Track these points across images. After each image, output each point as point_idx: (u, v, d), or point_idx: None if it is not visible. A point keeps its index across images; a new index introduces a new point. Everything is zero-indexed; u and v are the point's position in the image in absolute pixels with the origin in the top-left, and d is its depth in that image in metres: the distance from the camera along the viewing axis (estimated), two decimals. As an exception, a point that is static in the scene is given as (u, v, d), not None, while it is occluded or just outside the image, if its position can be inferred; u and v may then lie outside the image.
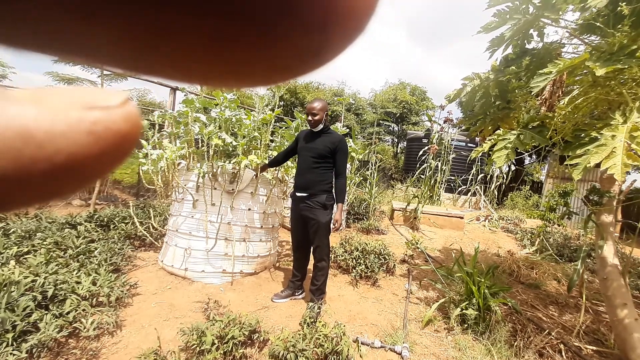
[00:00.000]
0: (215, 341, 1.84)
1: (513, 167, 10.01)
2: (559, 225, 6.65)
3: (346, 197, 4.60)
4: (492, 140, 2.44)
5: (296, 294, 2.73)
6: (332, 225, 2.49)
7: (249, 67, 0.11)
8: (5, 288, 1.87)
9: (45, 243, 2.63)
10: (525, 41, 2.65)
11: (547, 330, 2.54)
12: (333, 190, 2.53)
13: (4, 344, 1.61)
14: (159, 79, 0.13)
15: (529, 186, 10.39)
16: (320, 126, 2.49)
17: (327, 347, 1.90)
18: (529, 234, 5.64)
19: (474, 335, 2.43)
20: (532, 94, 2.42)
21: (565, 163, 2.13)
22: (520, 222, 6.88)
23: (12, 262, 2.22)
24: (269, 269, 3.21)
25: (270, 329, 2.20)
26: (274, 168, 2.99)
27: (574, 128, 2.33)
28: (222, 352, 1.82)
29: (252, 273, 2.97)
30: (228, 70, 0.11)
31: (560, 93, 2.46)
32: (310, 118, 2.47)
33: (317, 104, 2.47)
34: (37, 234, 2.79)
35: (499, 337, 2.31)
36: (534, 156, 12.56)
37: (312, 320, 2.20)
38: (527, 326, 2.59)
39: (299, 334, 2.02)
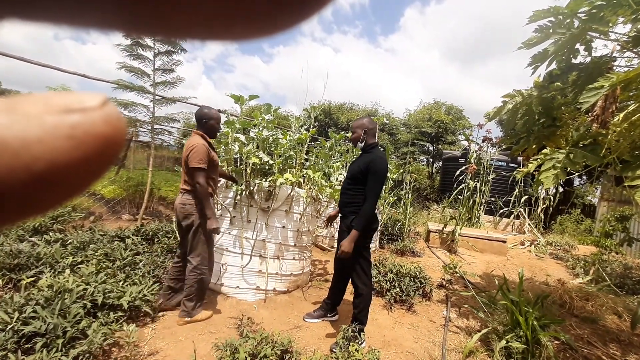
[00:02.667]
0: (248, 358, 1.83)
1: (561, 189, 9.32)
2: (617, 253, 6.01)
3: (379, 221, 4.26)
4: (539, 160, 2.30)
5: (328, 315, 2.67)
6: (336, 250, 2.29)
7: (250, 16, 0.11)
8: (59, 295, 2.02)
9: (97, 254, 2.82)
10: (571, 56, 2.52)
11: (609, 372, 2.27)
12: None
13: (54, 349, 1.70)
14: (160, 37, 0.13)
15: (579, 209, 9.58)
16: (360, 144, 2.38)
17: (361, 373, 1.83)
18: (582, 262, 5.14)
19: (522, 371, 2.22)
20: (581, 110, 2.28)
21: (624, 184, 1.95)
22: (571, 249, 6.32)
23: (67, 271, 2.40)
24: (302, 287, 3.19)
25: (302, 349, 2.16)
26: (309, 187, 3.01)
27: (632, 146, 2.15)
28: (254, 370, 1.81)
29: (284, 291, 2.97)
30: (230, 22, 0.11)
31: (613, 109, 2.30)
32: (350, 135, 2.44)
33: (356, 122, 2.39)
34: (90, 246, 3.01)
35: (551, 376, 2.09)
36: (584, 177, 11.66)
37: (346, 343, 2.12)
38: (584, 365, 2.33)
39: (332, 357, 1.97)
